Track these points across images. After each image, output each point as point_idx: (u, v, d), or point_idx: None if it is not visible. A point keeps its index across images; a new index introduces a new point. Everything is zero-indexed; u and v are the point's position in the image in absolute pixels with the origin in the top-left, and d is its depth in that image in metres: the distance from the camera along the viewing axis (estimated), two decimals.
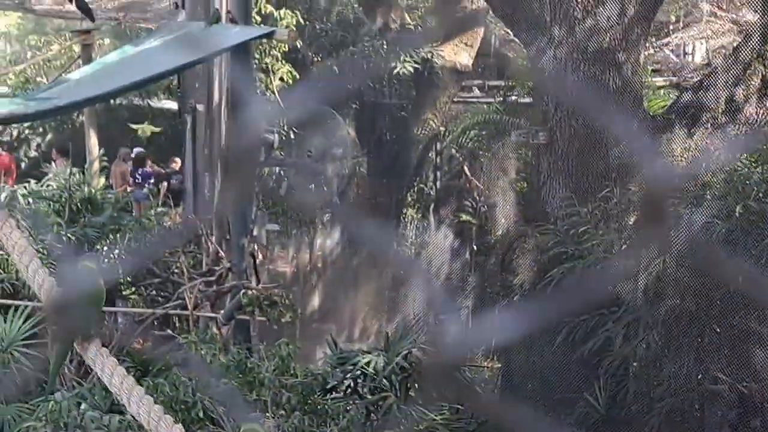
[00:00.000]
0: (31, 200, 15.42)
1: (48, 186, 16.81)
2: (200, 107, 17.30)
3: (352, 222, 16.16)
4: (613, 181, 13.92)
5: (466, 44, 19.65)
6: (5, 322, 11.57)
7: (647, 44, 16.15)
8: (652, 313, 12.61)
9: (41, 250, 12.93)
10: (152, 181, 19.64)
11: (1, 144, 22.72)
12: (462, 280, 15.88)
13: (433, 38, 18.41)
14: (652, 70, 17.88)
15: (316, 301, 17.48)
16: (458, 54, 19.27)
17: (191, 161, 18.54)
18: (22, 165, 22.64)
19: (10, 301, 12.70)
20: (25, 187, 16.41)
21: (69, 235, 14.44)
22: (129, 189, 19.69)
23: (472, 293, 15.35)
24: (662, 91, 19.47)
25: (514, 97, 18.59)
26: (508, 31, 18.83)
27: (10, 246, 4.48)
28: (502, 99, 18.95)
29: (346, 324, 16.57)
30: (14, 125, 21.34)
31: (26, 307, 11.85)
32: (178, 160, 21.00)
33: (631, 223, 13.57)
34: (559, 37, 14.54)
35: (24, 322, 11.49)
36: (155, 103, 24.60)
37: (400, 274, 16.72)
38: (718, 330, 12.60)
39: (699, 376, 12.47)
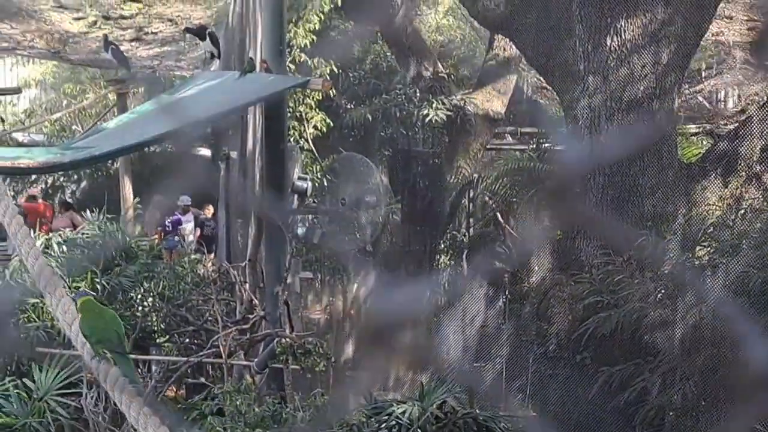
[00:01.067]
0: (65, 248, 15.46)
1: (83, 234, 16.87)
2: (234, 154, 17.39)
3: (386, 269, 16.17)
4: (648, 229, 13.83)
5: (499, 91, 19.69)
6: (41, 370, 11.58)
7: (681, 91, 16.10)
8: (688, 362, 12.50)
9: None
10: (182, 226, 19.69)
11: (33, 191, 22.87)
12: (496, 328, 15.78)
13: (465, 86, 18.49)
14: (685, 117, 17.83)
15: (349, 349, 17.41)
16: (491, 101, 19.31)
17: (224, 208, 18.61)
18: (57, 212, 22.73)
19: (46, 349, 12.71)
20: (60, 235, 16.47)
21: (103, 283, 14.47)
22: (159, 238, 19.76)
23: (506, 342, 15.25)
24: (695, 138, 19.40)
25: (547, 144, 18.56)
26: (541, 78, 18.90)
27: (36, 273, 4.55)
28: (535, 146, 18.92)
29: (380, 373, 16.47)
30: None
31: (62, 355, 11.87)
32: (210, 207, 21.09)
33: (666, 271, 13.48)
34: (594, 86, 14.55)
35: (60, 371, 11.51)
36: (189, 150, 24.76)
37: (434, 322, 16.63)
38: (755, 381, 12.43)
39: (736, 427, 12.29)
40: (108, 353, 4.55)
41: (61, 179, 23.98)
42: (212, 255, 18.32)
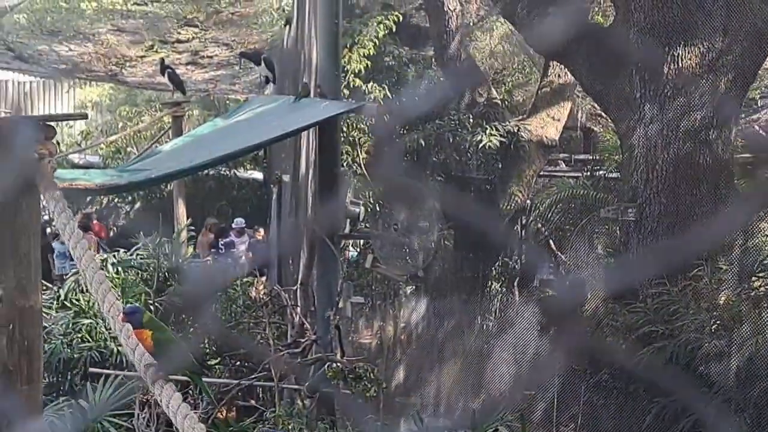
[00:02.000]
0: (120, 269, 15.58)
1: (137, 255, 16.99)
2: (286, 178, 17.45)
3: (438, 295, 16.12)
4: (704, 259, 13.68)
5: (553, 118, 19.62)
6: (94, 391, 11.63)
7: (738, 121, 15.96)
8: (744, 394, 12.34)
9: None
10: (234, 250, 19.80)
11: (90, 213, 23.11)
12: (548, 356, 15.67)
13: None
14: (742, 146, 17.66)
15: (400, 374, 17.37)
16: (545, 127, 19.25)
17: (276, 231, 18.67)
18: (111, 233, 22.96)
19: (99, 370, 12.78)
20: (114, 256, 16.61)
21: (156, 304, 14.56)
22: (211, 258, 19.87)
23: (558, 370, 15.14)
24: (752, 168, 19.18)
25: (601, 172, 18.45)
26: (596, 105, 18.81)
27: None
28: (589, 174, 18.81)
29: (431, 399, 16.43)
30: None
31: (116, 376, 11.91)
32: (261, 230, 21.20)
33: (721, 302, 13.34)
34: (650, 115, 14.47)
35: (114, 391, 11.54)
36: (242, 173, 24.92)
37: (486, 349, 16.56)
38: None
39: None
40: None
41: (116, 200, 24.23)
42: (264, 278, 18.39)
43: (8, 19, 21.29)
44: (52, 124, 5.15)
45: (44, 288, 14.72)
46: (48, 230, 18.08)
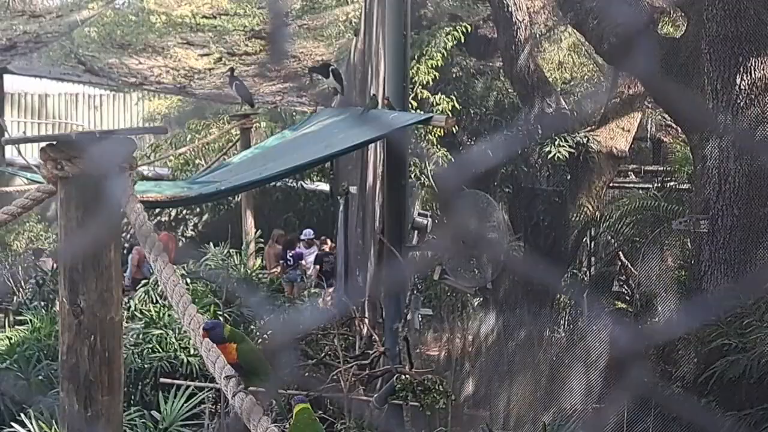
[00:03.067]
0: (189, 281, 15.71)
1: (205, 266, 17.11)
2: (353, 189, 17.47)
3: (506, 307, 16.02)
4: None
5: (623, 129, 19.41)
6: (165, 402, 11.74)
7: None
8: None
9: None
10: (303, 261, 19.85)
11: (159, 224, 23.34)
12: (618, 369, 15.50)
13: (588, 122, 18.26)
14: None
15: (469, 387, 17.29)
16: (615, 138, 19.06)
17: (343, 243, 18.69)
18: (180, 244, 23.15)
19: (170, 380, 12.90)
20: (183, 268, 16.75)
21: (225, 315, 14.65)
22: (281, 271, 19.94)
23: (629, 383, 14.97)
24: None
25: (672, 183, 18.25)
26: (666, 116, 18.62)
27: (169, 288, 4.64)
28: (659, 185, 18.60)
29: (501, 411, 16.33)
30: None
31: (187, 387, 12.02)
32: (329, 241, 21.24)
33: None
34: (723, 125, 14.28)
35: (185, 401, 11.65)
36: (308, 185, 25.01)
37: (556, 362, 16.43)
38: None
39: None
40: None
41: (184, 212, 24.44)
42: (331, 289, 18.42)
43: (79, 32, 21.59)
44: (133, 137, 5.21)
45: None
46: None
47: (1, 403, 12.85)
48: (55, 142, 5.00)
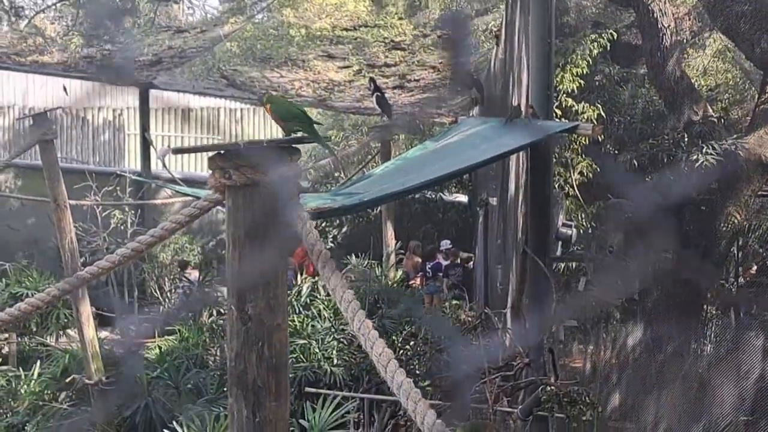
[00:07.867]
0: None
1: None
2: (493, 201, 17.36)
3: (654, 319, 15.69)
4: None
5: None
6: (313, 411, 11.84)
7: None
8: None
9: None
10: (441, 274, 19.85)
11: None
12: None
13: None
14: None
15: (615, 399, 16.98)
16: (763, 146, 18.46)
17: (483, 254, 18.60)
18: None
19: (314, 390, 13.00)
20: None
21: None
22: (421, 282, 19.97)
23: None
24: None
25: None
26: None
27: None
28: None
29: (648, 424, 15.97)
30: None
31: (335, 396, 12.11)
32: (461, 253, 21.21)
33: None
34: None
35: (332, 411, 11.73)
36: (447, 196, 25.02)
37: (706, 374, 16.00)
38: None
39: None
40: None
41: (323, 224, 24.73)
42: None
43: (221, 47, 22.04)
44: (298, 146, 5.30)
45: None
46: None
47: (153, 411, 13.17)
48: (222, 152, 5.10)
